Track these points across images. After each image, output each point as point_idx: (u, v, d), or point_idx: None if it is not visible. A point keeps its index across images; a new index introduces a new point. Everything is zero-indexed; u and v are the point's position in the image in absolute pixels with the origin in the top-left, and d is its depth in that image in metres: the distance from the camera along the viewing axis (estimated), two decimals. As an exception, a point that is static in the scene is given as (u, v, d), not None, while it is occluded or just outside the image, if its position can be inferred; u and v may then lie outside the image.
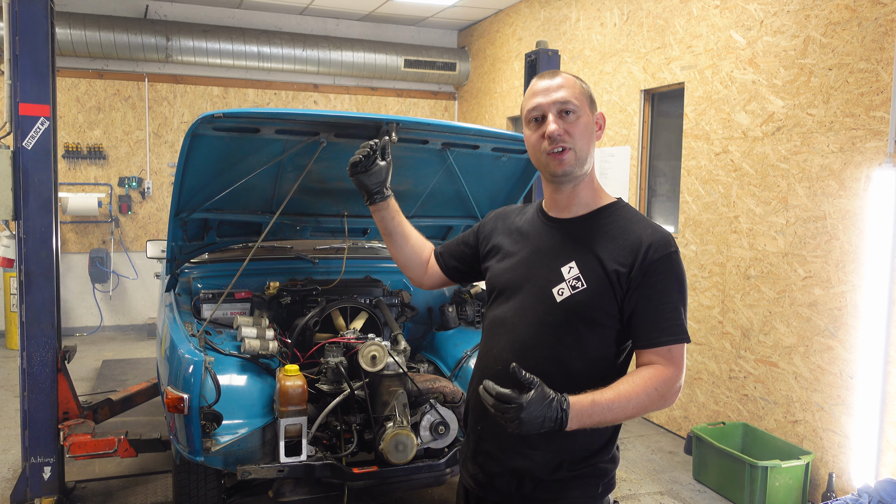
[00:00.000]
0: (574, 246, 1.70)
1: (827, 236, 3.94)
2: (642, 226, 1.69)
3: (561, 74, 1.72)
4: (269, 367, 3.09)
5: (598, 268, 1.64)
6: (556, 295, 1.66)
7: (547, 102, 1.69)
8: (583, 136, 1.69)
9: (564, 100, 1.68)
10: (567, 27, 6.53)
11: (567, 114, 1.68)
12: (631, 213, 1.74)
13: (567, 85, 1.70)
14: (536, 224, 1.81)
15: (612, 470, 1.73)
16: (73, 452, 3.47)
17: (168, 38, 7.39)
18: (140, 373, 6.19)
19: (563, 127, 1.67)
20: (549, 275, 1.69)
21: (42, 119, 3.46)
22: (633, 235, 1.66)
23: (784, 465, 3.84)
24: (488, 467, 1.75)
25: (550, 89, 1.69)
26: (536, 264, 1.74)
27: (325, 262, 4.18)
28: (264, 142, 3.16)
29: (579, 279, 1.65)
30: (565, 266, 1.68)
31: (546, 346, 1.67)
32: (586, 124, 1.70)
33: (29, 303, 3.53)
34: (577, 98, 1.69)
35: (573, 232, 1.73)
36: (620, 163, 5.78)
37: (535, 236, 1.79)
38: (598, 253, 1.66)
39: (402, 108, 8.89)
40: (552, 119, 1.67)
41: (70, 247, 7.68)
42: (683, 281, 1.65)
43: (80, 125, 7.67)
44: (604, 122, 1.77)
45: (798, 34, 4.10)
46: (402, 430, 2.93)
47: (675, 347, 1.61)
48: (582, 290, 1.64)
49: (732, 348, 4.61)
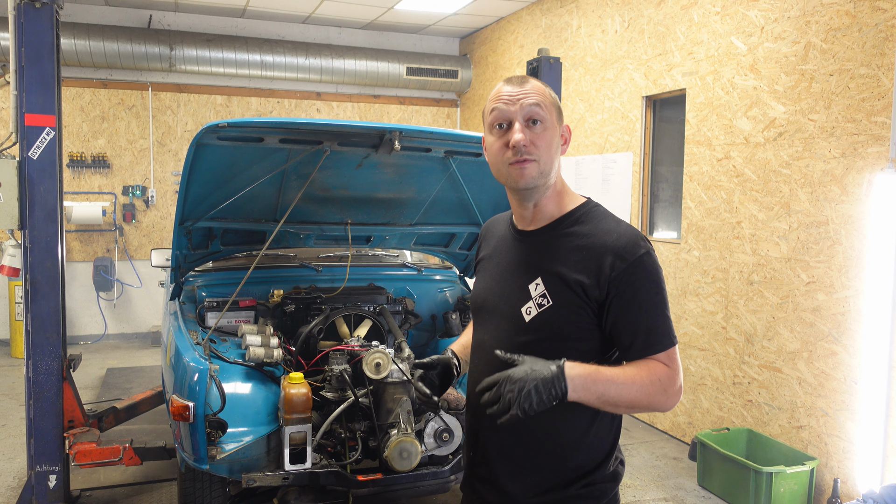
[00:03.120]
0: (539, 260, 1.62)
1: (830, 241, 3.94)
2: (606, 230, 1.58)
3: (531, 81, 1.62)
4: (273, 374, 3.10)
5: (561, 282, 1.56)
6: (525, 315, 1.59)
7: (514, 109, 1.58)
8: (548, 148, 1.59)
9: (534, 106, 1.57)
10: (568, 34, 6.56)
11: (534, 123, 1.58)
12: (596, 217, 1.63)
13: (537, 92, 1.59)
14: (507, 238, 1.75)
15: (612, 489, 1.65)
16: (79, 460, 3.48)
17: (171, 48, 7.44)
18: (144, 381, 6.20)
19: (530, 137, 1.56)
20: (518, 293, 1.62)
21: (47, 129, 3.49)
22: (596, 243, 1.56)
23: (789, 470, 3.83)
24: (482, 492, 1.72)
25: (519, 96, 1.58)
26: (507, 282, 1.67)
27: (329, 269, 4.20)
28: (268, 151, 3.18)
29: (545, 296, 1.57)
30: (532, 283, 1.60)
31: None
32: (553, 136, 1.60)
33: (34, 312, 3.54)
34: (546, 108, 1.59)
35: (538, 245, 1.65)
36: (622, 169, 5.79)
37: (505, 251, 1.73)
38: (562, 266, 1.57)
39: (405, 116, 8.92)
40: (518, 128, 1.56)
41: (74, 255, 7.71)
42: (659, 281, 1.55)
43: (85, 134, 7.71)
44: (569, 136, 1.69)
45: (799, 40, 4.12)
46: (406, 437, 2.93)
47: (669, 351, 1.54)
48: (549, 308, 1.56)
49: (736, 354, 4.60)
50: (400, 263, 4.61)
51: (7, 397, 5.80)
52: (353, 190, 3.66)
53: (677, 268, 5.14)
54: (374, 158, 3.33)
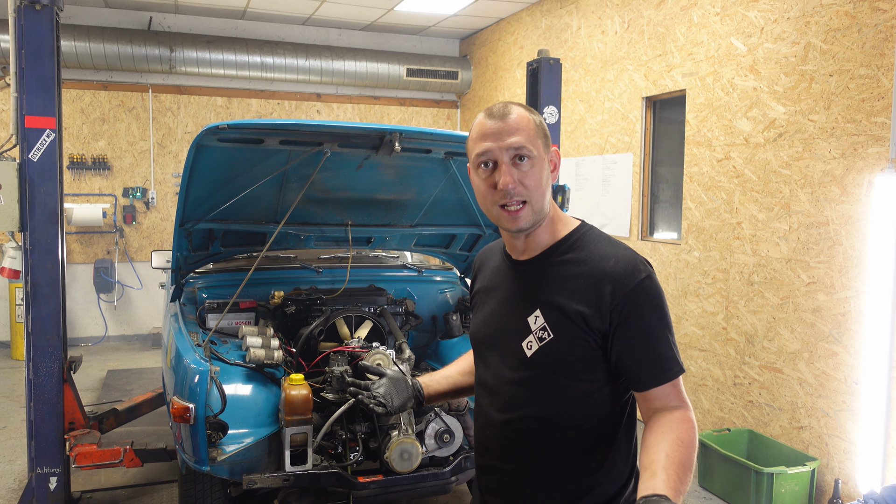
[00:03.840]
0: (537, 292, 1.55)
1: (830, 242, 3.94)
2: (603, 256, 1.50)
3: (514, 111, 1.51)
4: (274, 376, 3.10)
5: (561, 314, 1.49)
6: (526, 349, 1.52)
7: (498, 147, 1.48)
8: (538, 185, 1.50)
9: (519, 145, 1.47)
10: (568, 35, 6.56)
11: (521, 160, 1.48)
12: (591, 241, 1.55)
13: (521, 127, 1.49)
14: (502, 269, 1.67)
15: None
16: (79, 462, 3.48)
17: (172, 50, 7.44)
18: (145, 383, 6.20)
19: (518, 176, 1.48)
20: (517, 327, 1.55)
21: (48, 131, 3.49)
22: (594, 270, 1.49)
23: (790, 471, 3.83)
24: None
25: (503, 132, 1.48)
26: (505, 315, 1.60)
27: (330, 271, 4.19)
28: (268, 152, 3.18)
29: (545, 329, 1.50)
30: (531, 316, 1.53)
31: (527, 404, 1.54)
32: (541, 170, 1.51)
33: (35, 314, 3.55)
34: (532, 140, 1.49)
35: (533, 276, 1.57)
36: (622, 170, 5.79)
37: (502, 283, 1.65)
38: (560, 296, 1.50)
39: (405, 117, 8.92)
40: (504, 169, 1.48)
41: (75, 257, 7.71)
42: (663, 306, 1.48)
43: (85, 136, 7.71)
44: (559, 160, 1.58)
45: (798, 41, 4.12)
46: (406, 438, 2.93)
47: (677, 381, 1.48)
48: (550, 341, 1.49)
49: (737, 354, 4.60)
50: (400, 265, 4.61)
51: (8, 399, 5.80)
52: (354, 191, 3.66)
53: (678, 268, 5.14)
54: (374, 160, 3.33)
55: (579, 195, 6.27)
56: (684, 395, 1.49)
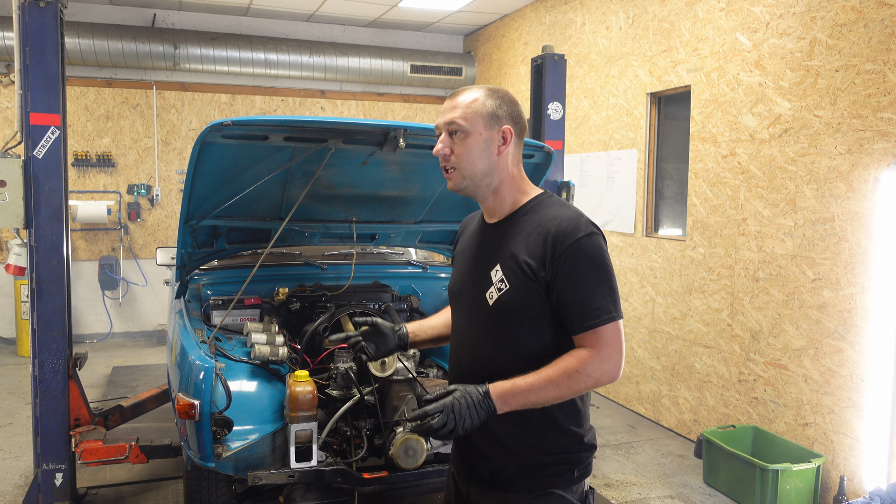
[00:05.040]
0: (498, 249, 1.80)
1: (835, 238, 3.92)
2: (552, 215, 1.74)
3: (464, 93, 1.80)
4: (279, 372, 3.11)
5: (515, 265, 1.73)
6: (488, 299, 1.77)
7: (441, 122, 1.80)
8: (468, 155, 1.76)
9: (450, 120, 1.77)
10: (573, 31, 6.54)
11: (454, 133, 1.77)
12: (547, 205, 1.80)
13: (461, 104, 1.77)
14: (476, 231, 1.94)
15: (587, 457, 1.81)
16: (85, 459, 3.49)
17: (176, 47, 7.44)
18: (150, 379, 6.21)
19: (450, 146, 1.78)
20: (482, 280, 1.81)
21: (52, 128, 3.49)
22: (542, 228, 1.73)
23: (795, 468, 3.82)
24: (469, 458, 1.87)
25: (446, 109, 1.80)
26: (474, 270, 1.86)
27: (334, 267, 4.20)
28: (273, 149, 3.18)
29: (503, 280, 1.75)
30: (493, 269, 1.78)
31: (487, 347, 1.79)
32: (474, 143, 1.76)
33: (40, 310, 3.55)
34: (468, 118, 1.76)
35: (497, 235, 1.83)
36: (627, 166, 5.78)
37: (474, 244, 1.92)
38: (514, 250, 1.75)
39: (409, 114, 8.91)
40: (441, 138, 1.80)
41: (80, 254, 7.73)
42: (599, 262, 1.69)
43: (90, 133, 7.72)
44: (510, 136, 1.80)
45: (804, 36, 4.10)
46: (411, 435, 2.93)
47: (602, 329, 1.66)
48: (506, 291, 1.73)
49: (742, 351, 4.59)
50: (405, 261, 4.61)
51: (13, 396, 5.82)
52: (358, 188, 3.65)
53: (682, 265, 5.13)
54: (378, 156, 3.33)
55: (584, 192, 6.26)
56: (606, 342, 1.67)
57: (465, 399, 1.64)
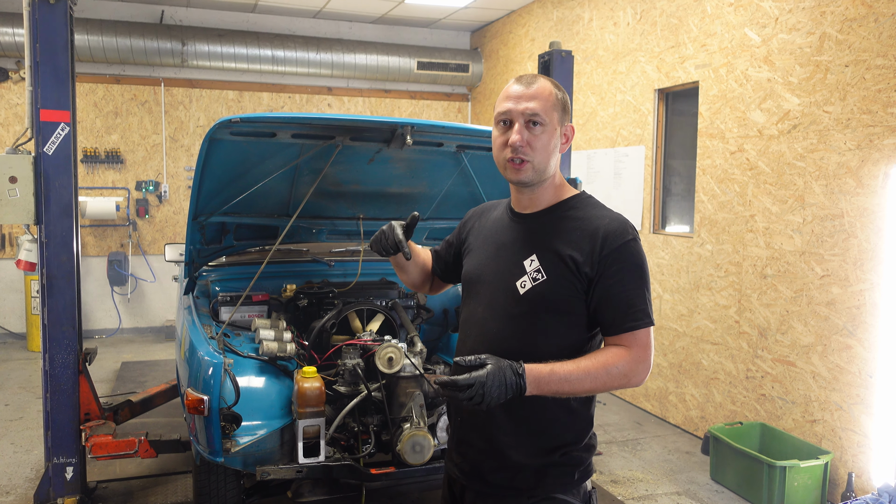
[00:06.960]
0: (535, 239, 1.77)
1: (844, 234, 3.91)
2: (599, 215, 1.74)
3: (539, 82, 1.74)
4: (286, 368, 3.12)
5: (556, 258, 1.71)
6: (520, 287, 1.73)
7: (517, 110, 1.71)
8: (544, 149, 1.72)
9: (533, 111, 1.70)
10: (580, 27, 6.52)
11: (534, 125, 1.71)
12: (590, 204, 1.79)
13: (540, 95, 1.71)
14: (503, 220, 1.89)
15: (587, 458, 1.80)
16: (95, 453, 3.52)
17: (183, 43, 7.46)
18: (159, 374, 6.25)
19: (527, 139, 1.71)
20: (512, 269, 1.76)
21: (62, 125, 3.51)
22: (590, 224, 1.72)
23: (802, 464, 3.81)
24: (470, 457, 1.82)
25: (523, 97, 1.72)
26: (501, 259, 1.81)
27: (341, 264, 4.21)
28: (281, 146, 3.19)
29: (540, 271, 1.71)
30: (527, 259, 1.74)
31: (514, 337, 1.74)
32: (550, 138, 1.73)
33: (51, 306, 3.58)
34: (547, 111, 1.71)
35: (534, 226, 1.80)
36: (634, 162, 5.76)
37: (501, 232, 1.87)
38: (557, 243, 1.72)
39: (415, 111, 8.91)
40: (517, 129, 1.71)
41: (89, 250, 7.77)
42: (643, 267, 1.70)
43: (98, 130, 7.76)
44: (572, 135, 1.81)
45: (813, 31, 4.08)
46: (418, 431, 2.95)
47: (640, 332, 1.67)
48: (543, 281, 1.70)
49: (749, 348, 4.58)
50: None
51: (24, 390, 5.87)
52: (365, 185, 3.67)
53: (690, 261, 5.11)
54: (385, 153, 3.34)
55: (591, 188, 6.25)
56: (642, 344, 1.67)
57: (497, 376, 1.56)
